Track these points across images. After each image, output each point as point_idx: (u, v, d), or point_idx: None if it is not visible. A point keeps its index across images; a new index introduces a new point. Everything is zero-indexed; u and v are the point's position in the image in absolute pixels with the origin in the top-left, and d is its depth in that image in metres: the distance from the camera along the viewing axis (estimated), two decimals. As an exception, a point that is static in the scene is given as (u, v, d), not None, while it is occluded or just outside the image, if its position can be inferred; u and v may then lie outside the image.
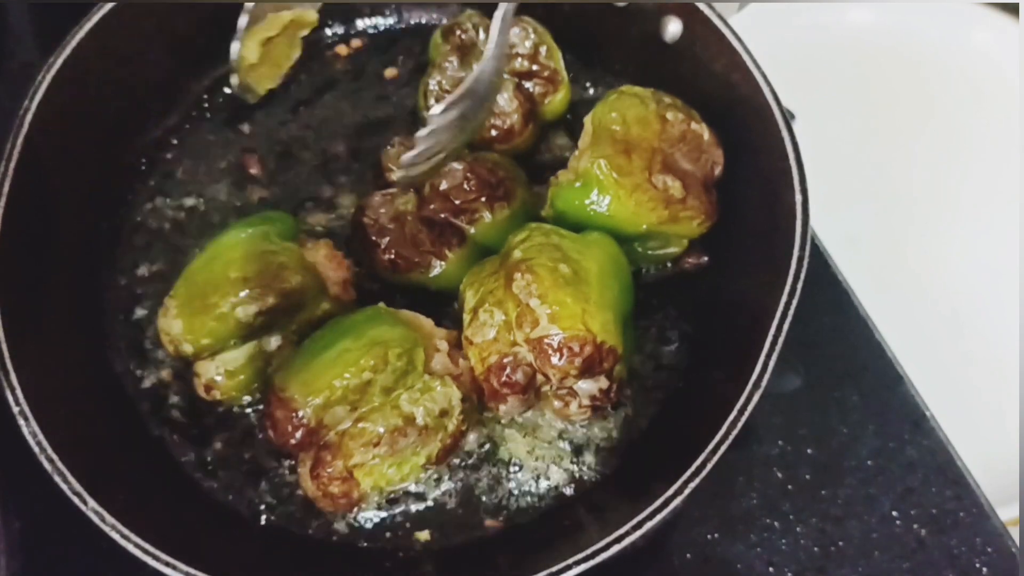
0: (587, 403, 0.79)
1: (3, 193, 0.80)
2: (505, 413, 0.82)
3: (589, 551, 0.69)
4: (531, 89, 0.93)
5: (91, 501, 0.71)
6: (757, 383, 0.73)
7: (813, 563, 0.85)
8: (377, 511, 0.81)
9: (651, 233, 0.85)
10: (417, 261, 0.85)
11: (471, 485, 0.83)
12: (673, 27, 0.90)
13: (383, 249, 0.85)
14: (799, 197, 0.79)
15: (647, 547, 0.86)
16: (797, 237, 0.78)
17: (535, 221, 0.83)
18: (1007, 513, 0.92)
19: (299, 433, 0.74)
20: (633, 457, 0.84)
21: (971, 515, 0.86)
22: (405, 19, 1.07)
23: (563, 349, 0.73)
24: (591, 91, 1.01)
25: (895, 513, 0.87)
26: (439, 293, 0.88)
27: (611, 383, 0.78)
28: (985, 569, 0.84)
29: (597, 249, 0.80)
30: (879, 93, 1.33)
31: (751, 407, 0.72)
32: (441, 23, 1.01)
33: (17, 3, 1.15)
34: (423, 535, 0.81)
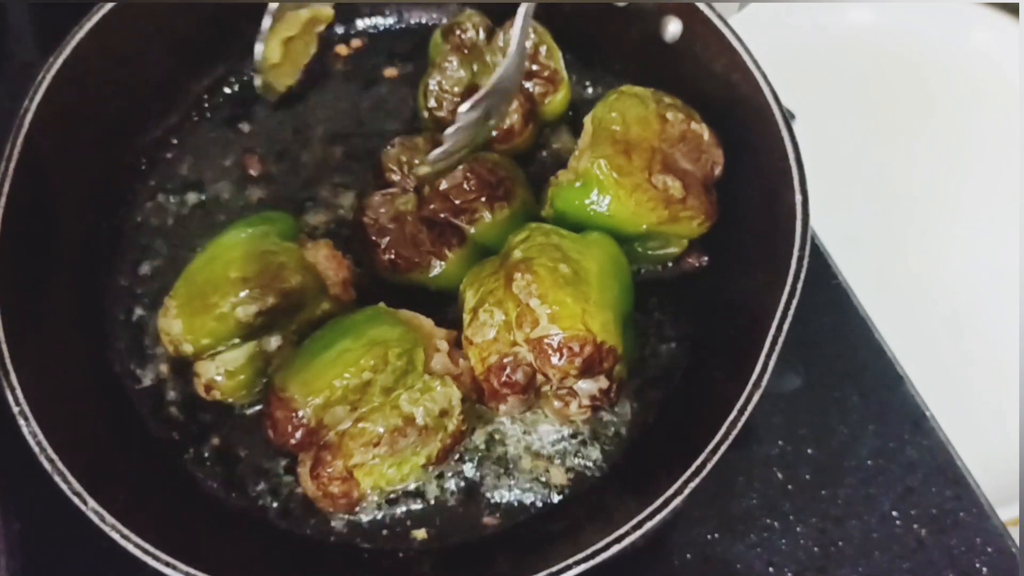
0: (587, 403, 0.79)
1: (3, 193, 0.80)
2: (505, 413, 0.82)
3: (589, 551, 0.69)
4: (531, 89, 0.93)
5: (91, 501, 0.71)
6: (757, 383, 0.73)
7: (813, 563, 0.85)
8: (376, 510, 0.81)
9: (651, 233, 0.85)
10: (417, 261, 0.85)
11: (470, 484, 0.83)
12: (673, 27, 0.90)
13: (383, 249, 0.85)
14: (799, 197, 0.79)
15: (647, 547, 0.86)
16: (797, 237, 0.78)
17: (535, 221, 0.83)
18: (1007, 513, 0.92)
19: (299, 433, 0.74)
20: (633, 457, 0.84)
21: (971, 515, 0.86)
22: (405, 19, 1.07)
23: (563, 349, 0.73)
24: (591, 91, 1.01)
25: (895, 513, 0.87)
26: (439, 293, 0.88)
27: (611, 383, 0.78)
28: (985, 569, 0.84)
29: (597, 249, 0.80)
30: (879, 93, 1.33)
31: (751, 407, 0.72)
32: (441, 23, 1.01)
33: (17, 3, 1.15)
34: (422, 534, 0.81)
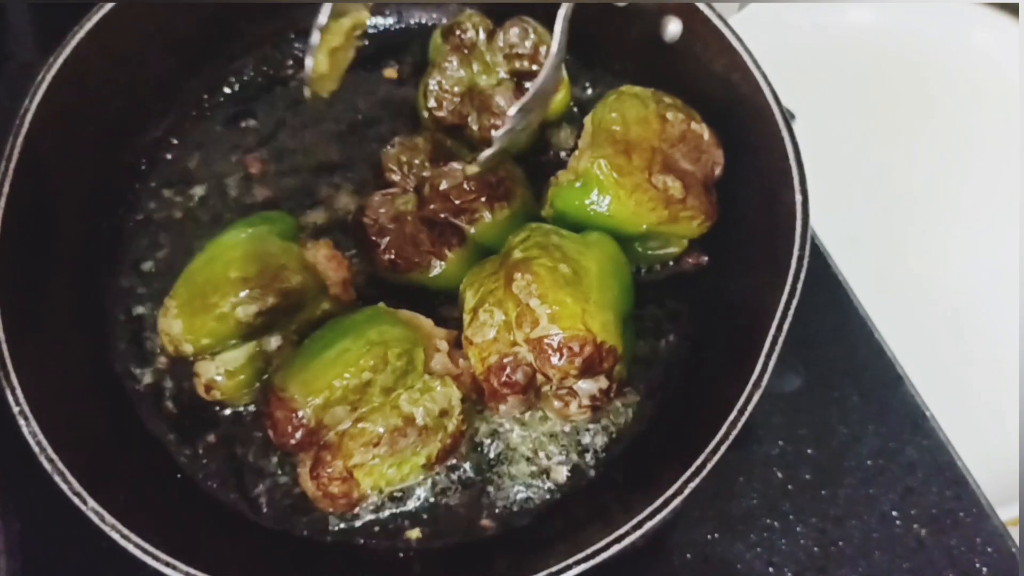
0: (587, 403, 0.79)
1: (3, 193, 0.80)
2: (505, 413, 0.82)
3: (589, 551, 0.69)
4: (531, 89, 0.93)
5: (91, 501, 0.71)
6: (757, 383, 0.73)
7: (813, 563, 0.85)
8: (375, 511, 0.82)
9: (651, 233, 0.85)
10: (417, 261, 0.85)
11: (469, 484, 0.83)
12: (673, 27, 0.90)
13: (383, 249, 0.85)
14: (799, 197, 0.79)
15: (647, 547, 0.86)
16: (797, 237, 0.78)
17: (535, 221, 0.83)
18: (1007, 513, 0.92)
19: (299, 433, 0.74)
20: (633, 457, 0.84)
21: (971, 515, 0.86)
22: (405, 19, 1.07)
23: (563, 349, 0.73)
24: (591, 91, 1.01)
25: (895, 513, 0.87)
26: (439, 293, 0.88)
27: (611, 383, 0.78)
28: (985, 569, 0.84)
29: (597, 249, 0.80)
30: (879, 93, 1.33)
31: (751, 407, 0.72)
32: (441, 23, 1.01)
33: (17, 3, 1.15)
34: (419, 534, 0.81)
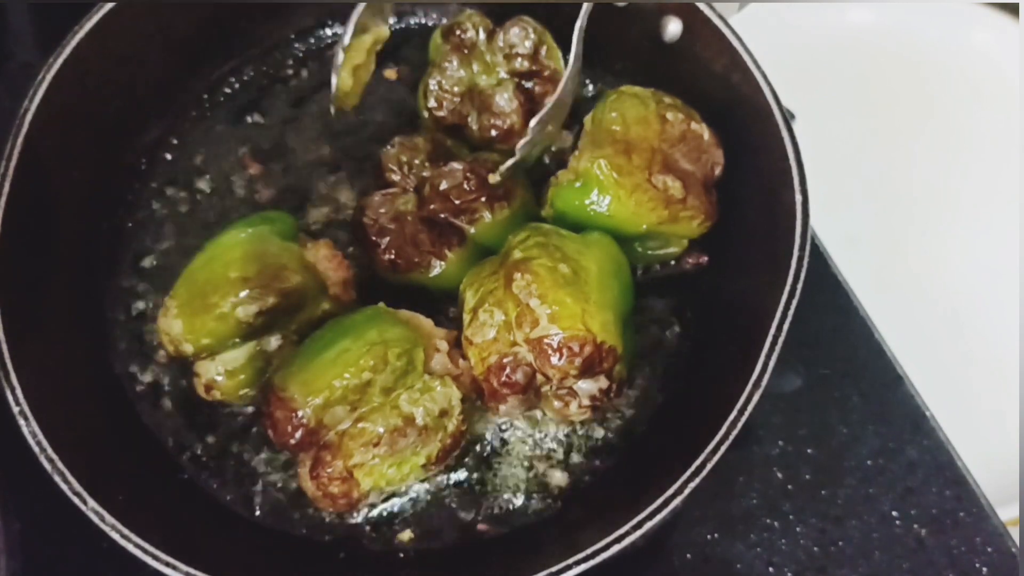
0: (587, 403, 0.79)
1: (3, 193, 0.80)
2: (505, 413, 0.82)
3: (589, 551, 0.69)
4: (531, 89, 0.93)
5: (91, 501, 0.71)
6: (757, 383, 0.73)
7: (813, 563, 0.85)
8: (373, 512, 0.82)
9: (651, 233, 0.85)
10: (417, 261, 0.85)
11: (469, 484, 0.83)
12: (673, 27, 0.90)
13: (383, 249, 0.85)
14: (799, 197, 0.79)
15: (647, 547, 0.86)
16: (797, 237, 0.78)
17: (535, 221, 0.83)
18: (1007, 513, 0.92)
19: (299, 433, 0.74)
20: (633, 457, 0.84)
21: (971, 515, 0.86)
22: (405, 19, 1.06)
23: (563, 349, 0.73)
24: (591, 91, 1.01)
25: (895, 513, 0.87)
26: (439, 293, 0.88)
27: (611, 383, 0.78)
28: (985, 569, 0.84)
29: (597, 249, 0.80)
30: (879, 93, 1.33)
31: (751, 407, 0.72)
32: (441, 23, 1.01)
33: (17, 3, 1.15)
34: (412, 535, 0.81)
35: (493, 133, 0.91)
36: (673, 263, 0.91)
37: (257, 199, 0.96)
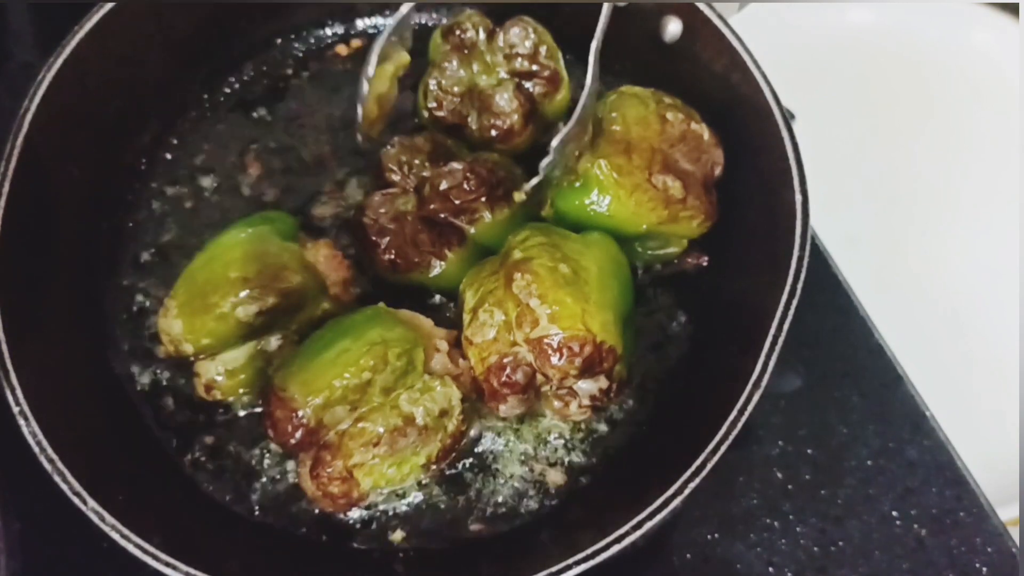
0: (587, 403, 0.79)
1: (3, 193, 0.80)
2: (505, 413, 0.82)
3: (589, 551, 0.69)
4: (531, 89, 0.93)
5: (91, 501, 0.71)
6: (757, 383, 0.73)
7: (813, 563, 0.85)
8: (372, 511, 0.81)
9: (651, 233, 0.85)
10: (417, 261, 0.85)
11: (470, 484, 0.83)
12: (673, 27, 0.90)
13: (383, 249, 0.85)
14: (799, 197, 0.79)
15: (647, 547, 0.86)
16: (797, 237, 0.78)
17: (535, 221, 0.83)
18: (1007, 513, 0.92)
19: (299, 433, 0.74)
20: (633, 457, 0.84)
21: (971, 515, 0.86)
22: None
23: (563, 349, 0.73)
24: (591, 91, 1.01)
25: (895, 513, 0.87)
26: (439, 293, 0.88)
27: (611, 383, 0.78)
28: (985, 569, 0.84)
29: (597, 249, 0.80)
30: (879, 93, 1.33)
31: (751, 407, 0.72)
32: (441, 23, 1.01)
33: (17, 3, 1.15)
34: (414, 535, 0.81)
35: (493, 133, 0.91)
36: (673, 263, 0.91)
37: (257, 198, 0.96)
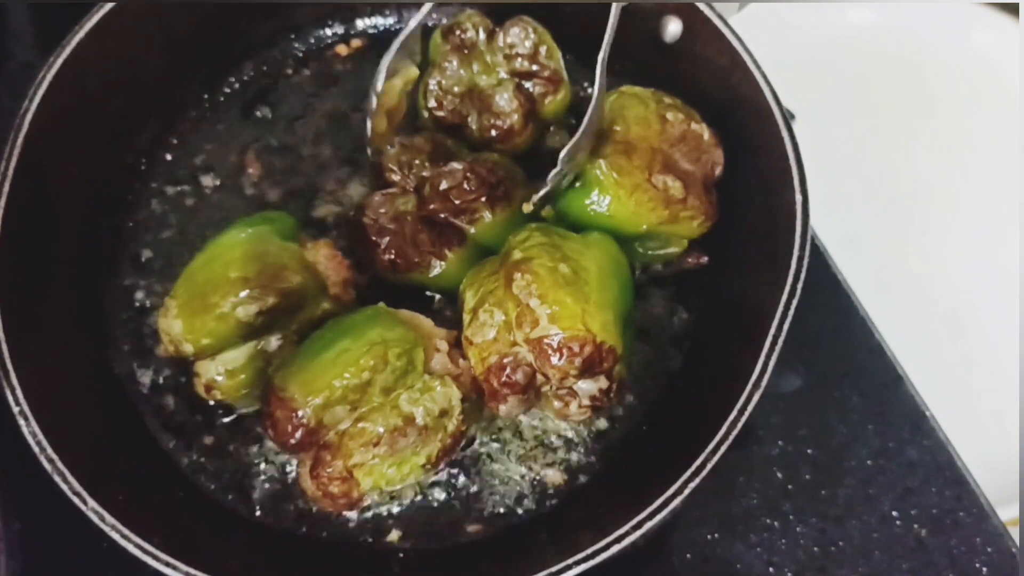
0: (587, 403, 0.79)
1: (3, 193, 0.80)
2: (505, 413, 0.82)
3: (589, 551, 0.69)
4: (531, 89, 0.93)
5: (91, 501, 0.71)
6: (757, 383, 0.73)
7: (813, 563, 0.85)
8: (372, 511, 0.81)
9: (651, 233, 0.85)
10: (417, 261, 0.85)
11: (468, 484, 0.83)
12: (673, 27, 0.90)
13: (383, 249, 0.85)
14: (799, 197, 0.79)
15: (647, 547, 0.86)
16: (797, 237, 0.78)
17: (535, 221, 0.83)
18: (1007, 513, 0.92)
19: (299, 433, 0.74)
20: (633, 457, 0.84)
21: (971, 515, 0.86)
22: (405, 19, 1.06)
23: (563, 349, 0.73)
24: (591, 91, 1.01)
25: (895, 513, 0.87)
26: (439, 293, 0.88)
27: (611, 383, 0.78)
28: (985, 569, 0.84)
29: (597, 249, 0.80)
30: (879, 93, 1.33)
31: (751, 407, 0.72)
32: (441, 23, 1.01)
33: (17, 3, 1.15)
34: (414, 536, 0.81)
35: (493, 133, 0.91)
36: (673, 263, 0.91)
37: (257, 198, 0.96)
